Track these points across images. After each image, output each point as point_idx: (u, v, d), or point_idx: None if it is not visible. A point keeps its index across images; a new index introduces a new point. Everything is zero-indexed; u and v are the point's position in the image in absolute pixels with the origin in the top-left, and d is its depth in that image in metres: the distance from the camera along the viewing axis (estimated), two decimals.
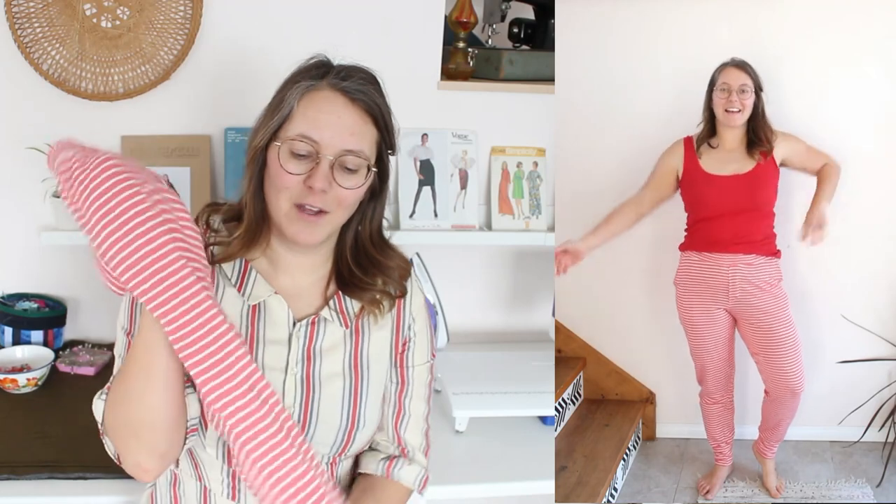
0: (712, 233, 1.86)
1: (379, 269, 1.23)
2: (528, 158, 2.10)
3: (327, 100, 1.12)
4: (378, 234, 1.25)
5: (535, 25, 2.29)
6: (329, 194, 1.11)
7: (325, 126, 1.11)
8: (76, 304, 1.98)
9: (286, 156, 1.11)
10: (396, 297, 1.26)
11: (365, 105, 1.13)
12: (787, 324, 1.85)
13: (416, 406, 1.31)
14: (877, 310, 2.13)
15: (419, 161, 2.03)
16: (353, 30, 1.91)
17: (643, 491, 2.07)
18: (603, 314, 2.35)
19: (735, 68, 1.81)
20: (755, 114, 1.81)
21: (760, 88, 1.82)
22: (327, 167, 1.11)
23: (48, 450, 1.52)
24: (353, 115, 1.13)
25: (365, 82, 1.14)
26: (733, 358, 1.95)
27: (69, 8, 1.77)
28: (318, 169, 1.10)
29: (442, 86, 2.01)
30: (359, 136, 1.13)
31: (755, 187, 1.81)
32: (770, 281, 1.85)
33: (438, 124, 2.04)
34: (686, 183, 1.88)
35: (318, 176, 1.10)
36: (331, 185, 1.11)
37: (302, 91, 1.12)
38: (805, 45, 1.97)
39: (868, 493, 2.02)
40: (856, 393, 2.16)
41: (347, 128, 1.12)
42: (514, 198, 2.09)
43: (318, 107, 1.12)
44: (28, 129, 1.83)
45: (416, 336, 1.30)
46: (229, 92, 1.90)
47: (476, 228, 2.06)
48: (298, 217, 1.12)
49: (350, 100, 1.12)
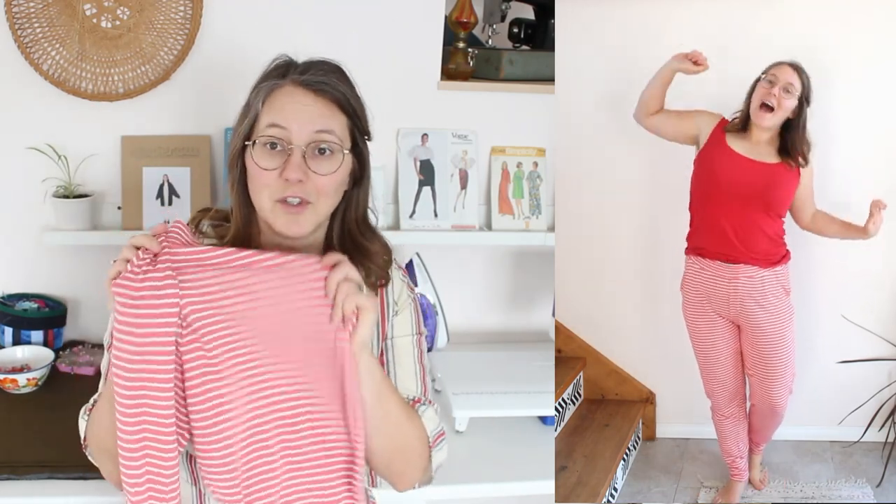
0: (714, 232, 1.81)
1: (364, 255, 1.23)
2: (528, 158, 2.10)
3: (290, 94, 1.13)
4: (363, 221, 1.25)
5: (535, 25, 2.29)
6: (307, 184, 1.12)
7: (291, 116, 1.12)
8: (76, 305, 1.99)
9: (259, 152, 1.12)
10: (379, 286, 1.26)
11: (329, 94, 1.14)
12: (781, 346, 1.81)
13: (400, 370, 1.26)
14: (877, 310, 2.13)
15: (419, 161, 2.03)
16: (353, 30, 1.91)
17: (643, 491, 2.07)
18: (603, 314, 2.35)
19: (790, 67, 1.72)
20: (794, 124, 1.73)
21: (808, 100, 1.73)
22: (299, 156, 1.11)
23: (48, 450, 1.52)
24: (318, 105, 1.13)
25: (326, 72, 1.15)
26: (741, 370, 1.91)
27: (69, 8, 1.77)
28: (290, 160, 1.11)
29: (442, 86, 2.01)
30: (327, 118, 1.14)
31: (773, 182, 1.74)
32: (772, 294, 1.80)
33: (438, 124, 2.04)
34: (704, 153, 1.81)
35: (292, 166, 1.11)
36: (306, 174, 1.12)
37: (266, 91, 1.14)
38: (805, 46, 1.97)
39: (868, 493, 2.02)
40: (856, 393, 2.16)
41: (314, 113, 1.13)
42: (514, 198, 2.09)
43: (283, 101, 1.13)
44: (28, 129, 1.83)
45: (398, 314, 1.28)
46: (229, 92, 1.87)
47: (476, 228, 2.06)
48: (282, 211, 1.13)
49: (313, 91, 1.13)
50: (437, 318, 1.91)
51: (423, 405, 1.25)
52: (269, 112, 1.13)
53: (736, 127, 1.78)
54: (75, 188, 1.85)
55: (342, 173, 1.16)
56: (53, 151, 1.82)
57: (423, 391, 1.28)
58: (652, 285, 2.28)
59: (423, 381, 1.29)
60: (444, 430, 1.27)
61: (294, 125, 1.11)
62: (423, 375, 1.29)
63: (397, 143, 2.01)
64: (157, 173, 1.89)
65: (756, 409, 1.94)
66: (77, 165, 1.85)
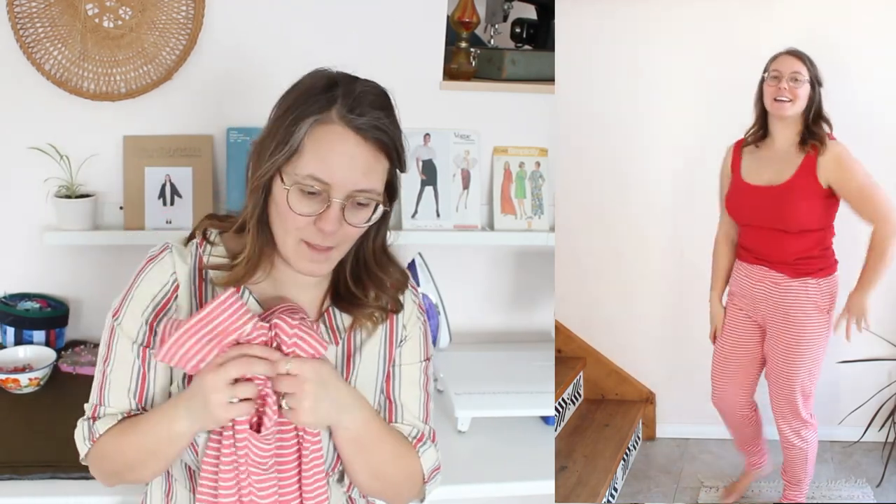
0: (747, 240, 1.76)
1: (375, 283, 1.20)
2: (531, 158, 2.10)
3: (339, 139, 1.04)
4: (381, 250, 1.21)
5: (537, 25, 2.29)
6: (338, 233, 1.08)
7: (336, 168, 1.04)
8: (78, 305, 1.99)
9: (295, 197, 1.05)
10: (390, 311, 1.23)
11: (379, 142, 1.06)
12: (796, 362, 1.70)
13: (406, 397, 1.25)
14: (877, 310, 2.13)
15: (421, 161, 2.03)
16: (354, 30, 1.91)
17: (643, 491, 2.07)
18: (603, 314, 2.35)
19: (788, 55, 1.66)
20: (810, 108, 1.64)
21: (818, 82, 1.65)
22: (338, 209, 1.05)
23: (50, 450, 1.52)
24: (365, 154, 1.05)
25: (379, 114, 1.06)
26: (754, 372, 1.84)
27: (71, 8, 1.77)
28: (328, 212, 1.05)
29: (444, 86, 2.01)
30: (371, 174, 1.07)
31: (784, 203, 1.66)
32: (801, 309, 1.69)
33: (441, 124, 2.04)
34: (728, 191, 1.77)
35: (329, 219, 1.05)
36: (341, 224, 1.07)
37: (310, 126, 1.04)
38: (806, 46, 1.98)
39: (868, 493, 2.02)
40: (856, 393, 2.17)
41: (360, 168, 1.05)
42: (516, 198, 2.09)
43: (329, 147, 1.04)
44: (30, 129, 1.83)
45: (406, 340, 1.26)
46: (231, 92, 1.90)
47: (478, 228, 2.06)
48: (307, 252, 1.09)
49: (363, 138, 1.05)
50: (440, 317, 1.91)
51: (424, 444, 1.25)
52: (314, 154, 1.04)
53: (756, 137, 1.72)
54: (77, 188, 1.85)
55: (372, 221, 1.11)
56: (55, 151, 1.82)
57: (424, 417, 1.27)
58: (652, 285, 2.28)
59: (427, 407, 1.28)
60: (440, 465, 1.28)
61: (338, 176, 1.04)
62: (427, 401, 1.28)
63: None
64: (159, 173, 1.89)
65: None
66: (79, 165, 1.85)
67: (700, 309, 1.93)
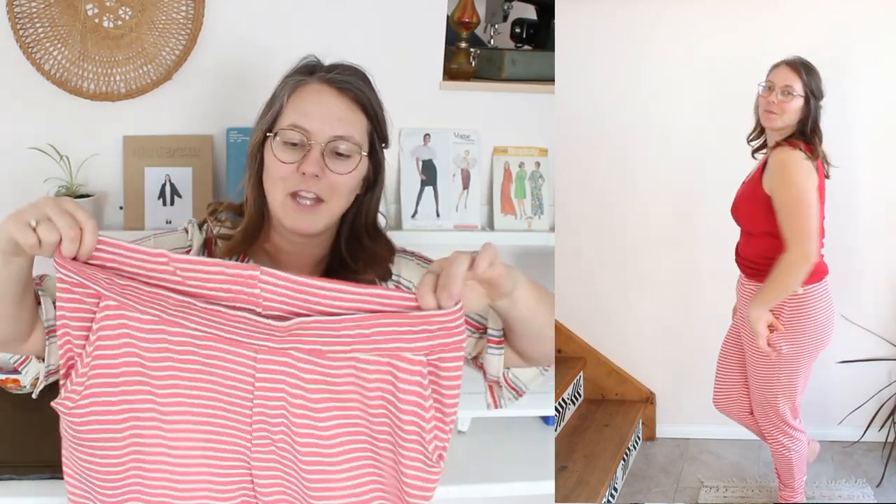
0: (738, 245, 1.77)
1: (370, 257, 1.25)
2: (531, 158, 2.10)
3: (315, 91, 1.17)
4: (373, 226, 1.27)
5: (537, 25, 2.29)
6: (322, 181, 1.15)
7: (314, 115, 1.16)
8: None
9: (279, 146, 1.16)
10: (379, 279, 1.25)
11: (353, 94, 1.18)
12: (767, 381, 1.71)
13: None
14: (877, 310, 2.14)
15: (421, 161, 2.03)
16: (354, 29, 1.91)
17: (643, 491, 2.07)
18: (603, 314, 2.35)
19: (785, 66, 1.64)
20: (805, 120, 1.62)
21: (815, 95, 1.63)
22: (318, 153, 1.14)
23: (50, 450, 1.51)
24: (341, 104, 1.17)
25: (352, 74, 1.19)
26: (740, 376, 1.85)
27: (71, 8, 1.77)
28: (309, 155, 1.14)
29: (444, 86, 2.01)
30: (347, 122, 1.17)
31: (742, 202, 1.69)
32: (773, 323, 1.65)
33: (440, 124, 2.04)
34: None
35: (310, 161, 1.14)
36: (323, 171, 1.14)
37: (292, 86, 1.18)
38: (806, 47, 1.98)
39: (868, 493, 2.02)
40: (856, 393, 2.17)
41: (336, 115, 1.16)
42: (516, 198, 2.09)
43: (306, 98, 1.17)
44: (30, 129, 1.82)
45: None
46: (231, 92, 1.90)
47: (478, 228, 2.06)
48: (295, 207, 1.15)
49: (338, 90, 1.17)
50: None
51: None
52: (293, 107, 1.17)
53: (757, 143, 1.74)
54: (77, 188, 1.85)
55: (357, 175, 1.18)
56: (55, 151, 1.82)
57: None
58: (652, 285, 2.28)
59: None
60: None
61: (316, 123, 1.15)
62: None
63: (399, 142, 2.01)
64: (159, 173, 1.89)
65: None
66: (79, 166, 1.85)
67: (700, 309, 1.93)
